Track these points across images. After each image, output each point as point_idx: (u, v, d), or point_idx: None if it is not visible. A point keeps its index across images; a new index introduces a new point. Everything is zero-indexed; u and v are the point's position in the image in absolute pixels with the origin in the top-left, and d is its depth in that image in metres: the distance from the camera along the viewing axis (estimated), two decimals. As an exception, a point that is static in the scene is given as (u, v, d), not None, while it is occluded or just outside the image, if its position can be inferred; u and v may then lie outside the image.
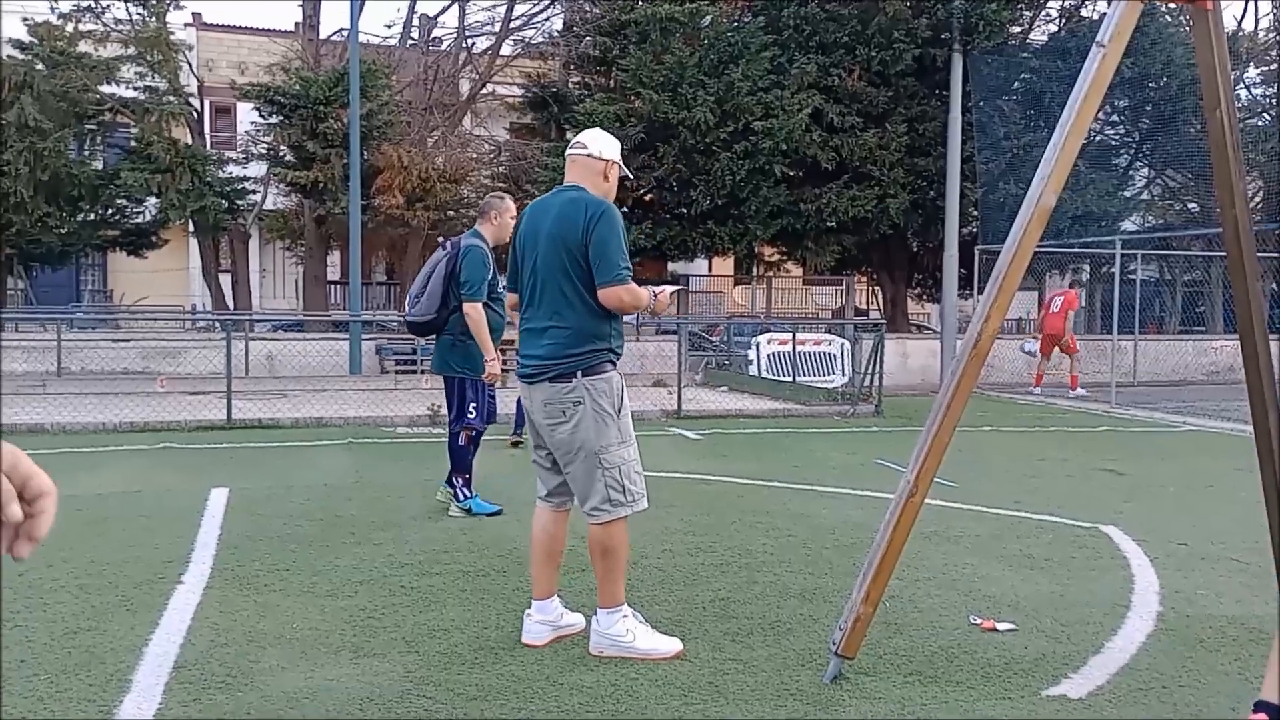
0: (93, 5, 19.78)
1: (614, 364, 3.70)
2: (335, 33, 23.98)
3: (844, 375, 15.73)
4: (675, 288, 4.18)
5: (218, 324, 19.16)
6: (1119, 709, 3.26)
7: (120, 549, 5.11)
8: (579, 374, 3.59)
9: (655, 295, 3.86)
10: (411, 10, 24.99)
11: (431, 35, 25.40)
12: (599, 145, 3.83)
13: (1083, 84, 2.98)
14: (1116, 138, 20.73)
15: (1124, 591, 4.55)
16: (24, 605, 4.14)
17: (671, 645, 3.65)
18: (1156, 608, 4.31)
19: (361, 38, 18.04)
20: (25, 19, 19.93)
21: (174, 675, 3.41)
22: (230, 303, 21.89)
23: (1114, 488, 7.33)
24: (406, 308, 6.01)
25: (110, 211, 20.48)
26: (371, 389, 13.21)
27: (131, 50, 19.68)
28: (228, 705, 3.17)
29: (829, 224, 18.73)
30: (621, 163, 3.91)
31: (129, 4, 19.80)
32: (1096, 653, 3.75)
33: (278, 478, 7.34)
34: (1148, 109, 19.81)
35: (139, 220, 21.05)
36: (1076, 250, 18.64)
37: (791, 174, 18.39)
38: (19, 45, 19.22)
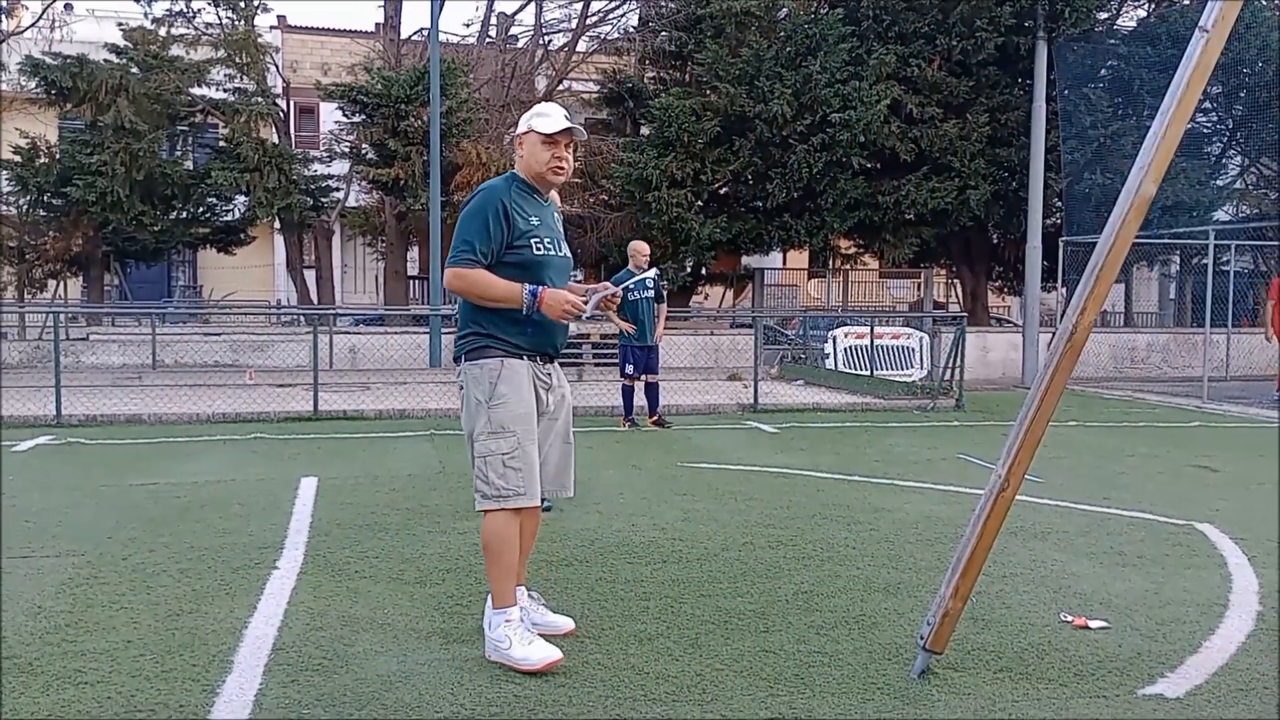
0: (184, 10, 20.42)
1: (503, 351, 3.50)
2: (415, 32, 24.37)
3: (923, 369, 15.52)
4: (603, 294, 3.62)
5: (303, 318, 19.69)
6: (1218, 709, 3.18)
7: (218, 535, 5.29)
8: (462, 358, 3.58)
9: (532, 293, 3.43)
10: (489, 9, 25.29)
11: (509, 33, 25.66)
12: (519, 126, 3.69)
13: (1185, 70, 2.90)
14: (1208, 125, 20.06)
15: (1221, 590, 4.43)
16: (129, 588, 4.32)
17: (542, 655, 3.39)
18: (1256, 607, 4.19)
19: (441, 37, 18.31)
20: (120, 24, 20.65)
21: (273, 657, 3.52)
22: (314, 297, 22.42)
23: (1208, 484, 7.11)
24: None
25: (201, 210, 21.14)
26: (451, 381, 13.40)
27: (221, 53, 20.27)
28: (325, 687, 3.26)
29: (908, 216, 18.49)
30: (538, 128, 3.56)
31: (219, 8, 20.38)
32: (1194, 652, 3.66)
33: (364, 468, 7.51)
34: (1241, 95, 19.13)
35: (228, 218, 21.68)
36: (1166, 241, 18.10)
37: (869, 166, 18.19)
38: (115, 50, 19.92)
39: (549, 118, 3.59)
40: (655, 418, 10.12)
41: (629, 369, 9.91)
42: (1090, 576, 4.61)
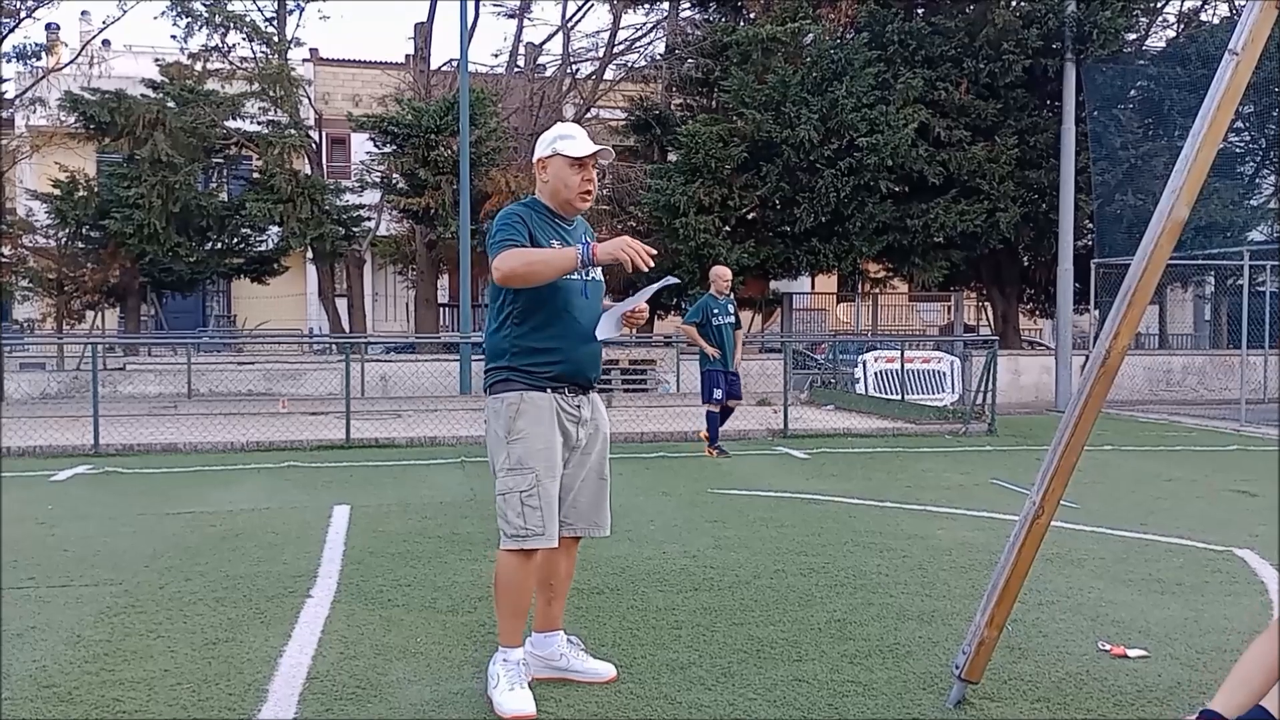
0: (220, 45, 20.80)
1: (525, 384, 3.39)
2: (445, 63, 24.71)
3: (954, 393, 15.41)
4: (623, 309, 3.47)
5: (335, 347, 19.87)
6: (1263, 741, 3.12)
7: (252, 563, 5.34)
8: (487, 392, 3.51)
9: (588, 244, 3.29)
10: (518, 39, 25.58)
11: (537, 62, 25.93)
12: (536, 152, 3.57)
13: (1215, 93, 2.89)
14: (1241, 145, 19.89)
15: (1262, 618, 4.35)
16: (166, 617, 4.36)
17: (514, 708, 3.26)
18: (1300, 636, 4.10)
19: (470, 67, 18.52)
20: (157, 59, 21.07)
21: (307, 686, 3.53)
22: (346, 326, 22.62)
23: (1247, 509, 7.00)
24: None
25: (235, 240, 21.45)
26: (482, 408, 13.48)
27: (255, 87, 20.62)
28: (359, 716, 3.27)
29: (937, 239, 18.43)
30: (566, 151, 3.41)
31: (253, 43, 20.76)
32: (1236, 682, 3.59)
33: (396, 495, 7.55)
34: (1275, 114, 18.96)
35: (262, 248, 21.97)
36: (1201, 262, 17.92)
37: (897, 189, 18.17)
38: (151, 85, 20.32)
39: (575, 140, 3.43)
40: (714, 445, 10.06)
41: (716, 394, 9.71)
42: (1128, 604, 4.55)
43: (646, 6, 23.99)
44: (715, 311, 9.66)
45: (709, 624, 4.25)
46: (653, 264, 3.27)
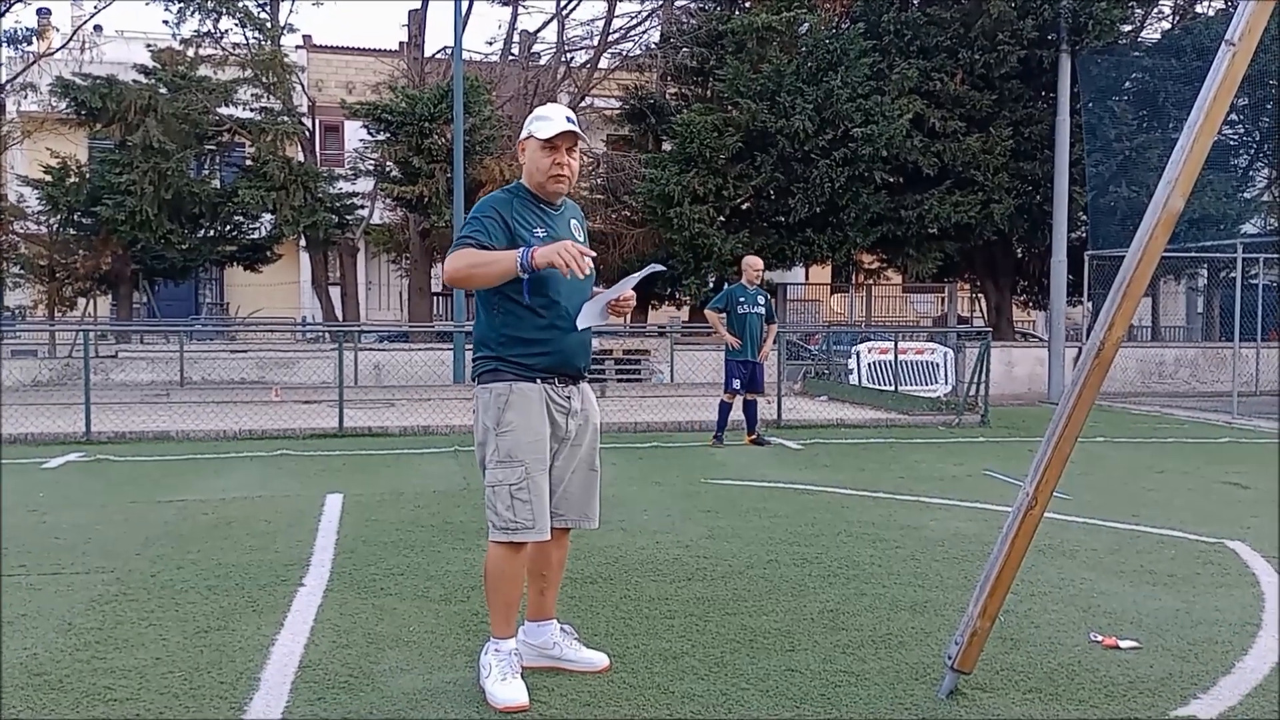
0: (212, 31, 20.67)
1: (514, 375, 3.34)
2: (439, 51, 24.59)
3: (947, 384, 15.44)
4: (609, 297, 3.41)
5: (328, 335, 19.82)
6: (1253, 732, 3.13)
7: (245, 552, 5.33)
8: (476, 382, 3.45)
9: (529, 249, 3.18)
10: (512, 27, 25.47)
11: (531, 50, 25.83)
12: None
13: (1211, 84, 2.88)
14: (1235, 137, 19.92)
15: (1254, 609, 4.37)
16: (158, 605, 4.35)
17: (507, 698, 3.24)
18: (1290, 627, 4.12)
19: (464, 55, 18.44)
20: (149, 45, 20.94)
21: (299, 675, 3.53)
22: (339, 314, 22.56)
23: (1239, 501, 7.03)
24: None
25: (228, 228, 21.35)
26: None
27: (248, 73, 20.50)
28: (351, 704, 3.27)
29: (931, 230, 18.44)
30: (536, 133, 3.38)
31: (246, 29, 20.63)
32: (1226, 673, 3.60)
33: (389, 484, 7.54)
34: (1269, 107, 18.98)
35: (255, 236, 21.87)
36: (1194, 254, 17.96)
37: (892, 180, 18.18)
38: (143, 71, 20.19)
39: (549, 121, 3.37)
40: (754, 436, 9.99)
41: (735, 384, 9.74)
42: (1120, 595, 4.57)
43: (642, -5, 23.93)
44: (742, 300, 9.68)
45: (702, 614, 4.25)
46: (589, 272, 3.21)
